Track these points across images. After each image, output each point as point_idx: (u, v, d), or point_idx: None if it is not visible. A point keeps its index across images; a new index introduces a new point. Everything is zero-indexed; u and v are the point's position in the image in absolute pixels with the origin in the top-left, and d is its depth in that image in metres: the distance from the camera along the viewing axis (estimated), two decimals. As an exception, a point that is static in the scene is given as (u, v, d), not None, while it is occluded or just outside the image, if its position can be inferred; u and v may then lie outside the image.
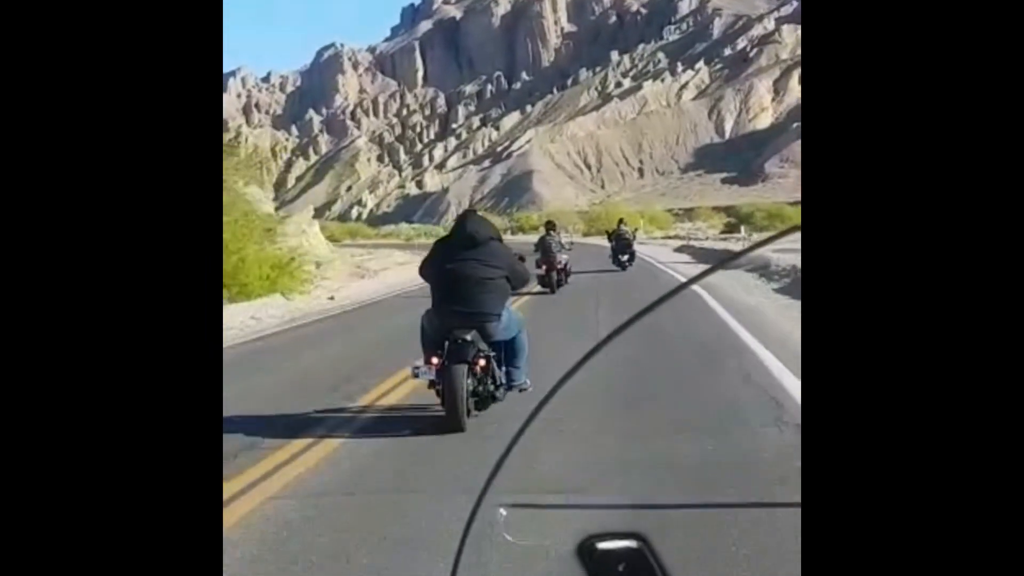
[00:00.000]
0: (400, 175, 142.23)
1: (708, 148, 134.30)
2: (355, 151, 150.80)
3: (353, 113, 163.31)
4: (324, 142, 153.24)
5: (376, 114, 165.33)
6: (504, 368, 4.24)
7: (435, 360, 4.04)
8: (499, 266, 4.19)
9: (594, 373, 4.47)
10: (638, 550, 0.74)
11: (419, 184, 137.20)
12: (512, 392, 4.26)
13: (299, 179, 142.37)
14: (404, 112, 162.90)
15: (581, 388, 4.22)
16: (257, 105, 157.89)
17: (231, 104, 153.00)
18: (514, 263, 4.32)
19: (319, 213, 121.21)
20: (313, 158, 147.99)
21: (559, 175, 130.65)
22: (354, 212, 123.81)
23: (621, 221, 21.06)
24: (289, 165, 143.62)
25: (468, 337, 4.04)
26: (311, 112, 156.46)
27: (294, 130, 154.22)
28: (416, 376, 4.22)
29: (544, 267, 14.86)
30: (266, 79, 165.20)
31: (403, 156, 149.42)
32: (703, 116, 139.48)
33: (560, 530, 2.35)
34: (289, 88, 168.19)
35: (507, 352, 4.27)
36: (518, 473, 2.95)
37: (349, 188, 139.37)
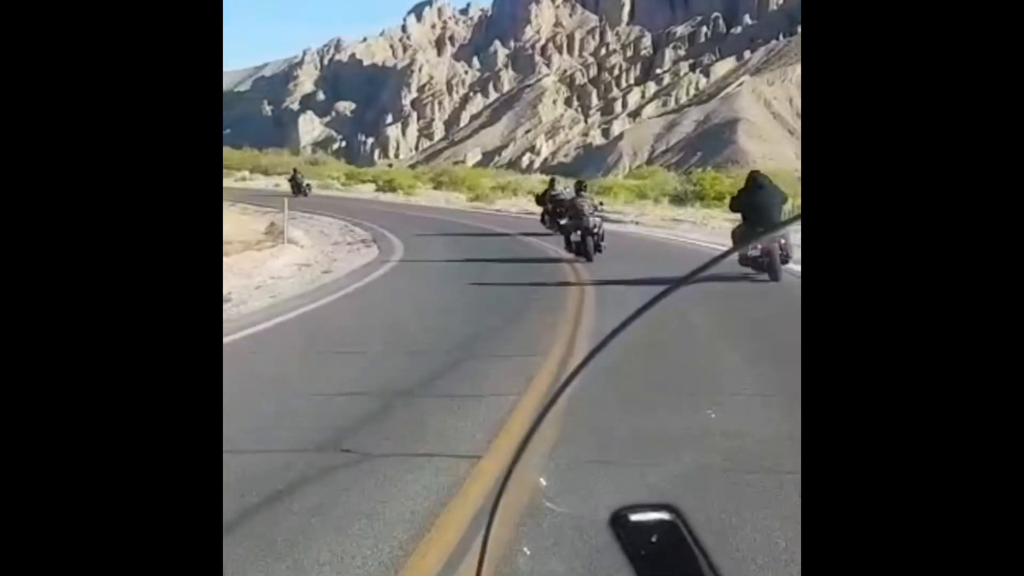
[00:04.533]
0: (586, 121, 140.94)
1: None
2: (540, 91, 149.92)
3: (544, 48, 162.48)
4: (507, 79, 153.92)
5: (570, 51, 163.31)
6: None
7: None
8: None
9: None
10: (671, 522, 0.80)
11: (605, 133, 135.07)
12: None
13: (474, 117, 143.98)
14: (603, 51, 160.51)
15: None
16: (452, 38, 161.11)
17: (423, 35, 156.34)
18: None
19: (487, 158, 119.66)
20: (493, 95, 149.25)
21: (776, 128, 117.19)
22: (525, 159, 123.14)
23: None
24: (465, 101, 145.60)
25: None
26: (496, 44, 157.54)
27: (475, 62, 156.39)
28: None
29: (578, 232, 14.35)
30: (464, 11, 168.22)
31: (595, 100, 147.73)
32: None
33: (600, 499, 2.58)
34: (476, 15, 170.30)
35: None
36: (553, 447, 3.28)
37: (528, 132, 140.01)
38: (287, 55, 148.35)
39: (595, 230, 14.24)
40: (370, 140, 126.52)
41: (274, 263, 13.87)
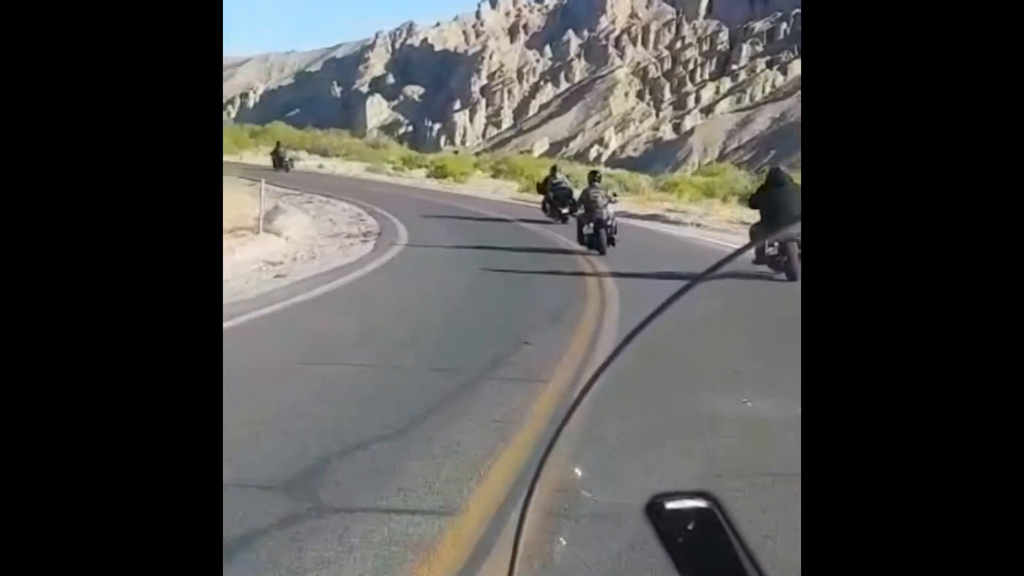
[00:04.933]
0: (657, 115, 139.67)
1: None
2: (612, 83, 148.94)
3: (618, 40, 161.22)
4: (579, 69, 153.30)
5: (644, 43, 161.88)
6: None
7: None
8: None
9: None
10: (708, 510, 0.80)
11: (676, 128, 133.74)
12: None
13: (543, 107, 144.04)
14: (678, 45, 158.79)
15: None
16: (525, 26, 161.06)
17: (496, 22, 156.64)
18: None
19: (555, 149, 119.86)
20: (563, 85, 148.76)
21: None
22: (593, 151, 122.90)
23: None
24: (535, 90, 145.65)
25: None
26: (570, 33, 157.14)
27: (548, 51, 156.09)
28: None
29: (591, 224, 14.08)
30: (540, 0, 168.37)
31: (667, 94, 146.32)
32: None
33: (637, 487, 2.62)
34: (551, 3, 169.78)
35: None
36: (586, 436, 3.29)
37: (597, 124, 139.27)
38: (360, 37, 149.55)
39: (608, 222, 14.16)
40: (437, 126, 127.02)
41: (231, 258, 11.37)
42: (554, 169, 22.73)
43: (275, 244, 14.66)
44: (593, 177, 15.93)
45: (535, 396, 5.15)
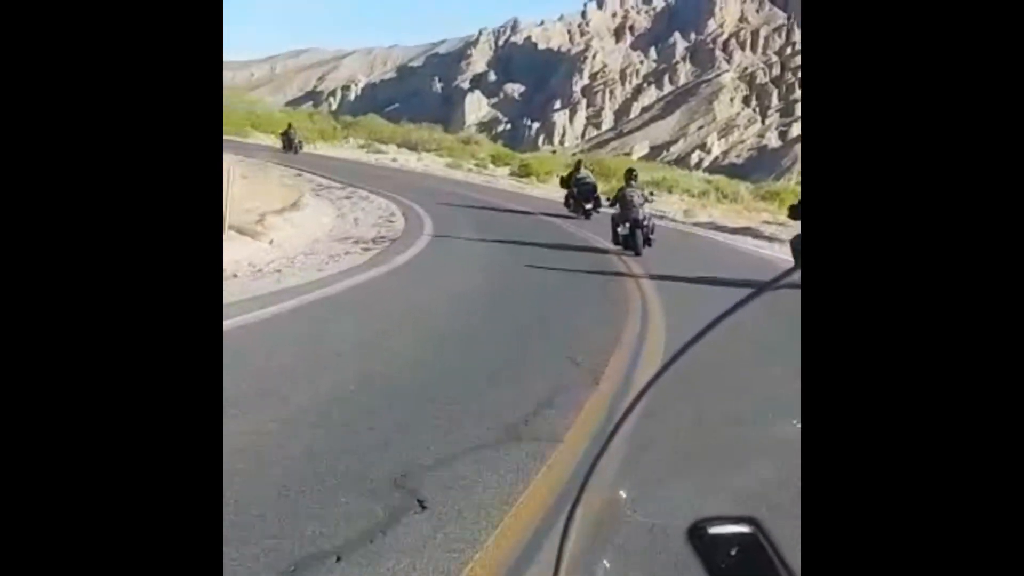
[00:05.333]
0: (763, 122, 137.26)
1: None
2: (718, 87, 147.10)
3: (726, 43, 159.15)
4: (684, 72, 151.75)
5: (753, 48, 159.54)
6: None
7: None
8: None
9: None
10: (751, 535, 0.80)
11: (782, 135, 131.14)
12: None
13: (645, 109, 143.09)
14: (788, 51, 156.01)
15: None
16: (632, 27, 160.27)
17: (602, 23, 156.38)
18: None
19: (655, 152, 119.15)
20: (667, 88, 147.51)
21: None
22: (695, 157, 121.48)
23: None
24: (638, 92, 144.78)
25: None
26: (676, 36, 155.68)
27: (652, 53, 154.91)
28: None
29: (627, 224, 13.70)
30: (647, 1, 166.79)
31: (775, 101, 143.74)
32: None
33: (682, 509, 2.60)
34: (659, 5, 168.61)
35: None
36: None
37: (700, 128, 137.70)
38: (464, 34, 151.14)
39: (645, 222, 13.97)
40: (536, 125, 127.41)
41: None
42: (579, 164, 22.43)
43: (246, 251, 11.78)
44: (629, 175, 15.61)
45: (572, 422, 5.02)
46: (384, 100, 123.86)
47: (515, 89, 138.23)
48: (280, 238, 13.01)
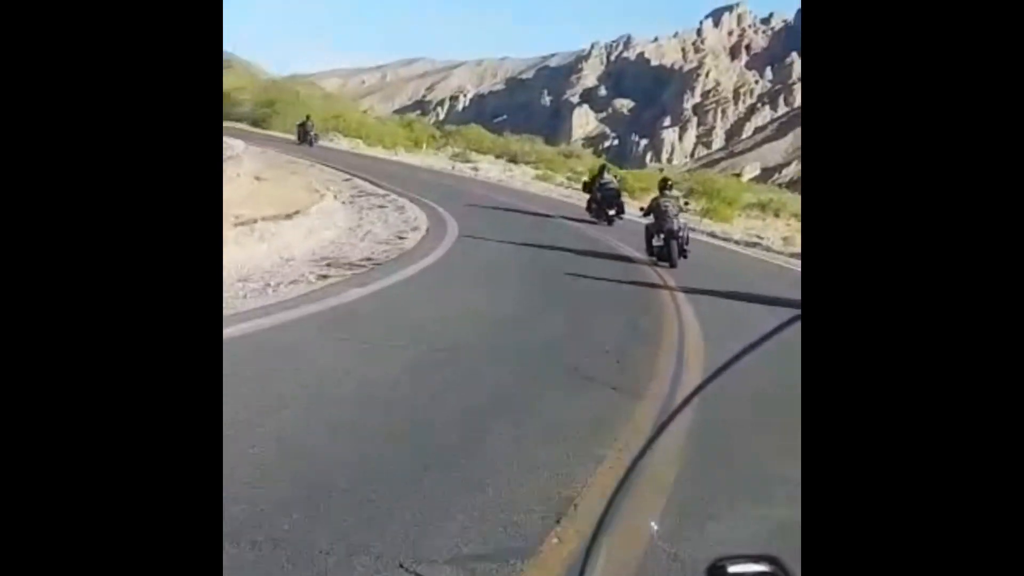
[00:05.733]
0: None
1: None
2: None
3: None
4: (800, 93, 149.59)
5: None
6: None
7: None
8: None
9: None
10: (771, 573, 0.80)
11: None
12: None
13: (758, 130, 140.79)
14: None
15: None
16: (748, 47, 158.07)
17: (718, 41, 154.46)
18: None
19: (766, 174, 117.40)
20: (782, 109, 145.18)
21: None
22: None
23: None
24: (751, 112, 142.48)
25: None
26: (794, 56, 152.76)
27: (768, 73, 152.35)
28: None
29: (661, 235, 13.16)
30: (766, 20, 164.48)
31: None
32: None
33: (711, 543, 2.55)
34: (777, 24, 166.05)
35: None
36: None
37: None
38: (576, 48, 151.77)
39: (680, 232, 13.48)
40: (644, 141, 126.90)
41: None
42: (603, 168, 21.64)
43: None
44: (664, 184, 14.89)
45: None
46: (492, 111, 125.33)
47: (624, 104, 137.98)
48: (241, 255, 9.92)
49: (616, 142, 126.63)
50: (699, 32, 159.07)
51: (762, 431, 4.62)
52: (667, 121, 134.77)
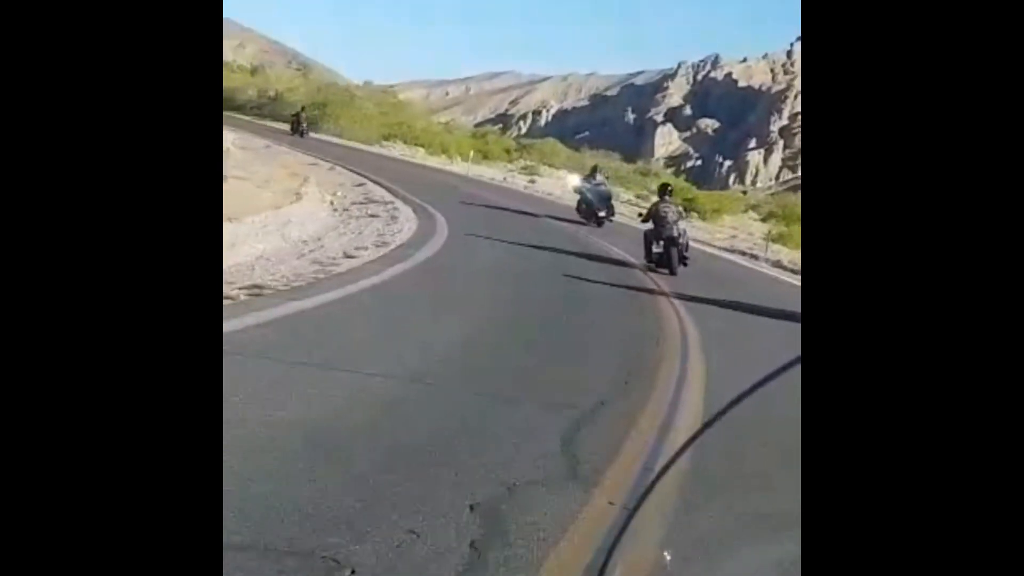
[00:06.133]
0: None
1: None
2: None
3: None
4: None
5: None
6: None
7: None
8: None
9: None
10: None
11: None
12: None
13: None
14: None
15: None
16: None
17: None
18: None
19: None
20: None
21: None
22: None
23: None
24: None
25: None
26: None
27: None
28: None
29: (661, 242, 12.72)
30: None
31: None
32: None
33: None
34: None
35: None
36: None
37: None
38: (663, 66, 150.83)
39: (680, 239, 13.28)
40: (728, 163, 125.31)
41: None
42: (595, 169, 21.67)
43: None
44: (664, 190, 14.71)
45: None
46: (574, 127, 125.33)
47: (709, 124, 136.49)
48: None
49: (699, 162, 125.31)
50: (789, 54, 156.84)
51: (770, 463, 4.51)
52: (752, 143, 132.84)
